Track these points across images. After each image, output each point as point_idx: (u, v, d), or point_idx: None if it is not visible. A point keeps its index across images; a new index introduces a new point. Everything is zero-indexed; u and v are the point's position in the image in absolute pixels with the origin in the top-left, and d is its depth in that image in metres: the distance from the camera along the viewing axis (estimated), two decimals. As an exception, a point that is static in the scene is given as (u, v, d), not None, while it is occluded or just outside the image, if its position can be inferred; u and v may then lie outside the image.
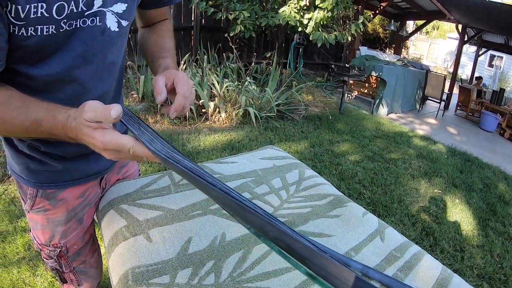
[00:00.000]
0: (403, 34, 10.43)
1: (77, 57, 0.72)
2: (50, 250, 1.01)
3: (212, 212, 0.96)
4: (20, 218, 2.44)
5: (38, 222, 0.96)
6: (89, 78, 0.78)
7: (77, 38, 0.70)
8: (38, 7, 0.60)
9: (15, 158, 0.87)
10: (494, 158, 5.50)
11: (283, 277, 0.77)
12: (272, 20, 5.21)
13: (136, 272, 0.74)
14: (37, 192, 0.90)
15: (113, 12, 0.74)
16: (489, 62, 18.20)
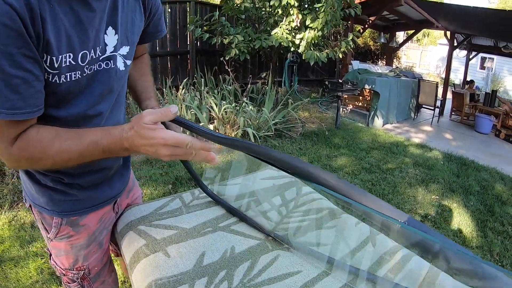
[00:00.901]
0: (393, 45, 10.66)
1: (98, 95, 0.87)
2: (74, 273, 1.11)
3: (221, 228, 1.08)
4: (31, 243, 2.54)
5: (61, 249, 1.06)
6: (106, 110, 0.93)
7: (97, 80, 0.85)
8: (67, 57, 0.74)
9: (39, 192, 0.97)
10: (490, 159, 5.61)
11: (287, 281, 0.89)
12: (265, 42, 5.40)
13: (159, 283, 0.85)
14: (62, 221, 1.01)
15: (121, 55, 0.90)
16: (480, 64, 18.47)
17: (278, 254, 0.99)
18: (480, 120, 8.00)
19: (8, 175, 3.34)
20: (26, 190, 1.03)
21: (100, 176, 1.02)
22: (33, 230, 2.69)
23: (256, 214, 1.18)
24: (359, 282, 0.93)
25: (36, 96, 0.72)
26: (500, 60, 17.01)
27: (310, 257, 1.00)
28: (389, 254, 1.07)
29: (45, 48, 0.69)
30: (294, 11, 5.26)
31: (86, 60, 0.79)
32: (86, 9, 0.75)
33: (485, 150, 6.43)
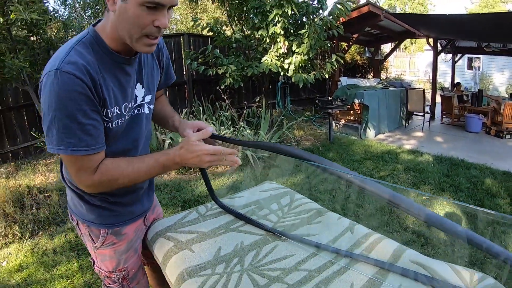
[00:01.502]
0: (379, 58, 11.06)
1: (134, 134, 1.24)
2: (116, 275, 1.40)
3: (232, 230, 1.39)
4: (55, 267, 2.78)
5: (107, 255, 1.35)
6: (139, 144, 1.29)
7: (133, 123, 1.22)
8: (115, 109, 1.10)
9: (88, 210, 1.27)
10: (480, 157, 5.88)
11: (284, 261, 1.19)
12: (256, 69, 5.79)
13: (189, 270, 1.16)
14: (108, 231, 1.31)
15: (146, 102, 1.26)
16: (468, 65, 18.78)
17: (277, 244, 1.30)
18: (469, 120, 8.26)
19: (27, 206, 3.61)
20: (75, 210, 1.32)
21: (134, 195, 1.34)
22: (55, 255, 2.94)
23: (258, 217, 1.49)
24: (339, 258, 1.23)
25: (101, 136, 1.05)
26: (486, 59, 17.33)
27: (302, 244, 1.30)
28: (364, 237, 1.37)
29: (102, 104, 1.04)
30: (281, 39, 5.67)
31: (126, 110, 1.15)
32: (124, 74, 1.12)
33: (476, 148, 6.69)
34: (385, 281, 1.11)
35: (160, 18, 0.96)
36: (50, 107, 0.94)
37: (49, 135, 0.98)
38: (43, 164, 5.09)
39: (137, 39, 0.99)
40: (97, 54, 1.03)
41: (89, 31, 1.04)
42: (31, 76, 4.55)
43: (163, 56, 1.34)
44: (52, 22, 4.76)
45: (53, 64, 0.94)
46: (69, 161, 1.04)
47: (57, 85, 0.92)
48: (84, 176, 1.05)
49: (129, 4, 0.92)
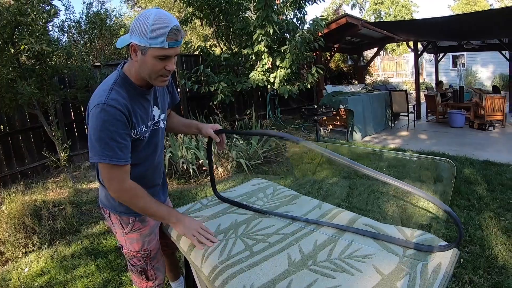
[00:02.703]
0: (362, 64, 11.51)
1: (153, 144, 1.68)
2: (141, 254, 1.79)
3: (228, 213, 1.80)
4: (75, 269, 3.05)
5: (134, 238, 1.75)
6: (158, 149, 1.73)
7: (153, 136, 1.66)
8: (143, 127, 1.55)
9: (122, 204, 1.63)
10: (462, 149, 6.24)
11: (267, 229, 1.60)
12: (245, 84, 6.26)
13: (198, 241, 1.58)
14: (135, 219, 1.72)
15: (161, 119, 1.71)
16: (452, 63, 19.14)
17: (262, 219, 1.72)
18: (452, 116, 8.63)
19: (44, 218, 3.94)
20: (108, 204, 1.71)
21: (154, 190, 1.77)
22: (74, 259, 3.22)
23: (248, 203, 1.91)
24: (308, 225, 1.64)
25: (129, 154, 1.47)
26: (470, 55, 17.61)
27: (281, 218, 1.73)
28: (328, 211, 1.78)
29: (133, 126, 1.49)
30: (265, 56, 6.17)
31: (148, 126, 1.60)
32: (146, 101, 1.58)
33: (458, 141, 7.06)
34: (341, 237, 1.52)
35: (169, 64, 1.42)
36: (96, 129, 1.37)
37: (93, 149, 1.40)
38: (51, 182, 5.45)
39: (154, 78, 1.46)
40: (128, 91, 1.48)
41: (119, 73, 1.50)
42: (39, 100, 4.97)
43: (170, 83, 1.79)
44: (57, 51, 5.19)
45: (100, 100, 1.39)
46: (105, 169, 1.43)
47: (104, 114, 1.37)
48: (114, 183, 1.47)
49: (147, 57, 1.38)
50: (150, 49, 1.34)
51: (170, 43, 1.34)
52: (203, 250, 1.48)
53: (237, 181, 5.02)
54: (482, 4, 24.53)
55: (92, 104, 1.42)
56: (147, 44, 1.33)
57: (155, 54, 1.36)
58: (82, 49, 7.54)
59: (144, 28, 1.32)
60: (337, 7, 30.32)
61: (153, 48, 1.34)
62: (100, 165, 1.45)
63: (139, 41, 1.35)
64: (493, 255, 2.91)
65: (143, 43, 1.34)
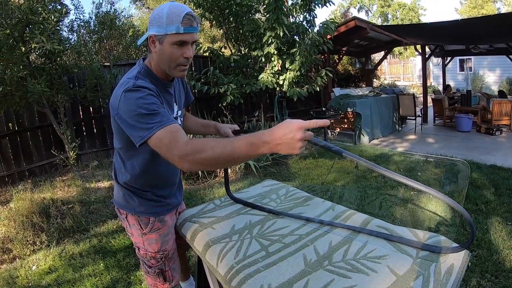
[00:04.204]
0: (369, 67, 11.50)
1: None
2: (160, 254, 1.79)
3: (242, 213, 1.81)
4: (83, 268, 3.07)
5: (153, 238, 1.75)
6: None
7: None
8: None
9: (141, 203, 1.68)
10: (469, 153, 6.24)
11: (282, 230, 1.61)
12: (254, 86, 6.28)
13: (212, 239, 1.57)
14: (155, 219, 1.72)
15: (179, 116, 1.72)
16: (459, 66, 19.07)
17: (276, 220, 1.72)
18: (459, 120, 8.59)
19: (52, 216, 3.96)
20: (125, 205, 1.71)
21: (171, 190, 1.78)
22: (82, 258, 3.24)
23: (261, 204, 1.92)
24: (323, 226, 1.65)
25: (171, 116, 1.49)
26: (477, 59, 17.56)
27: (295, 219, 1.73)
28: (342, 213, 1.79)
29: None
30: (275, 58, 6.19)
31: None
32: (168, 94, 1.60)
33: (465, 145, 7.06)
34: (355, 238, 1.53)
35: (186, 51, 1.44)
36: (132, 110, 1.30)
37: (136, 131, 1.29)
38: (59, 181, 5.50)
39: (174, 68, 1.48)
40: (151, 83, 1.48)
41: (142, 66, 1.52)
42: (48, 99, 5.01)
43: (185, 82, 1.83)
44: (67, 50, 5.23)
45: (128, 86, 1.35)
46: (160, 139, 1.25)
47: (135, 93, 1.33)
48: (175, 148, 1.22)
49: (164, 45, 1.41)
50: (166, 36, 1.39)
51: (185, 28, 1.38)
52: (219, 250, 1.48)
53: (246, 183, 5.04)
54: (490, 8, 24.45)
55: (119, 92, 1.36)
56: (164, 31, 1.38)
57: (172, 40, 1.39)
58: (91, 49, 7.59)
59: (160, 18, 1.38)
60: (345, 10, 30.32)
61: (170, 35, 1.38)
62: (152, 142, 1.27)
63: (157, 31, 1.40)
64: (501, 259, 2.91)
65: (160, 31, 1.39)
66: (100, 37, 9.16)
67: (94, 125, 7.08)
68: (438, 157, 3.60)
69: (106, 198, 4.62)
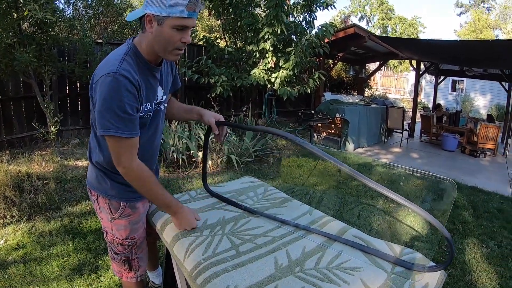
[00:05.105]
0: (363, 76, 11.53)
1: (154, 127, 1.63)
2: (128, 242, 1.72)
3: (216, 208, 1.76)
4: (51, 247, 2.96)
5: (122, 224, 1.68)
6: (158, 131, 1.68)
7: (156, 116, 1.61)
8: (147, 105, 1.49)
9: (112, 186, 1.61)
10: (452, 173, 6.26)
11: (255, 230, 1.56)
12: (245, 80, 6.22)
13: (182, 232, 1.51)
14: (126, 205, 1.65)
15: (163, 101, 1.65)
16: (452, 87, 19.32)
17: (250, 219, 1.67)
18: (445, 138, 8.64)
19: (26, 191, 3.82)
20: (97, 187, 1.64)
21: None
22: (52, 237, 3.13)
23: (237, 200, 1.86)
24: (298, 230, 1.60)
25: (138, 126, 1.42)
26: (470, 82, 17.84)
27: (269, 220, 1.68)
28: (319, 218, 1.75)
29: (140, 103, 1.43)
30: (269, 55, 6.14)
31: (153, 105, 1.54)
32: (153, 78, 1.52)
33: (449, 164, 7.10)
34: (330, 246, 1.49)
35: (185, 36, 1.39)
36: (106, 100, 1.31)
37: (101, 121, 1.34)
38: (38, 155, 5.34)
39: (170, 51, 1.41)
40: (138, 65, 1.42)
41: (130, 46, 1.45)
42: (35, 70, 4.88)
43: (174, 66, 1.76)
44: (60, 22, 5.09)
45: (112, 68, 1.32)
46: (115, 143, 1.38)
47: (115, 83, 1.30)
48: (124, 158, 1.40)
49: (164, 27, 1.34)
50: (168, 18, 1.32)
51: (189, 12, 1.33)
52: (188, 244, 1.43)
53: (226, 177, 4.97)
54: (488, 34, 24.83)
55: (101, 72, 1.35)
56: (165, 13, 1.31)
57: (174, 23, 1.33)
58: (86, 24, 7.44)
59: None
60: (345, 16, 30.40)
61: (172, 18, 1.32)
62: (108, 139, 1.38)
63: (157, 11, 1.32)
64: (473, 280, 2.92)
65: (161, 12, 1.31)
66: (96, 13, 8.98)
67: (80, 101, 6.90)
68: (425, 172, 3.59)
69: (83, 178, 4.50)
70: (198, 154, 5.26)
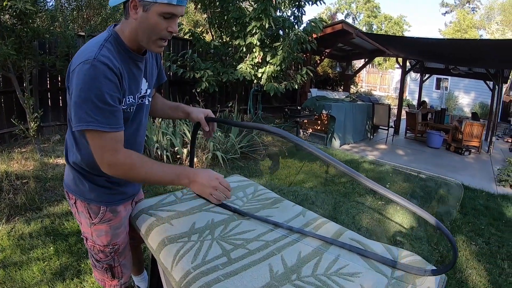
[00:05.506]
0: (349, 73, 11.53)
1: (138, 122, 1.51)
2: (110, 248, 1.61)
3: (204, 210, 1.65)
4: (32, 250, 2.86)
5: (103, 230, 1.57)
6: (140, 133, 1.57)
7: (139, 110, 1.49)
8: (130, 98, 1.37)
9: (91, 189, 1.50)
10: (437, 170, 6.35)
11: (246, 234, 1.46)
12: (232, 75, 6.11)
13: (169, 237, 1.41)
14: (106, 209, 1.54)
15: (147, 95, 1.53)
16: (436, 85, 19.73)
17: (241, 222, 1.57)
18: (431, 136, 8.79)
19: (5, 190, 3.69)
20: (75, 189, 1.53)
21: None
22: (32, 240, 3.02)
23: (227, 202, 1.77)
24: (292, 233, 1.51)
25: (121, 119, 1.30)
26: (454, 80, 18.24)
27: (261, 222, 1.59)
28: (313, 220, 1.66)
29: (122, 94, 1.31)
30: (257, 49, 6.03)
31: (136, 98, 1.43)
32: (137, 69, 1.40)
33: (434, 162, 7.20)
34: (326, 251, 1.40)
35: (172, 25, 1.28)
36: (83, 89, 1.18)
37: (78, 114, 1.21)
38: (18, 152, 5.16)
39: (153, 41, 1.30)
40: (119, 53, 1.31)
41: (111, 32, 1.32)
42: (14, 63, 4.69)
43: (160, 59, 1.64)
44: (41, 13, 4.92)
45: (90, 55, 1.20)
46: (96, 139, 1.25)
47: (93, 71, 1.18)
48: (107, 155, 1.27)
49: (149, 14, 1.23)
50: (155, 4, 1.21)
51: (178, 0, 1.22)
52: (175, 251, 1.32)
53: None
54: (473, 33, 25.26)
55: (77, 61, 1.22)
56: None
57: (161, 10, 1.22)
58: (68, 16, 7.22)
59: None
60: (331, 13, 30.44)
61: (159, 4, 1.21)
62: (88, 134, 1.25)
63: None
64: (463, 278, 2.93)
65: None
66: (79, 5, 8.75)
67: (61, 96, 6.69)
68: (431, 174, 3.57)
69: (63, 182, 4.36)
70: (183, 150, 5.14)
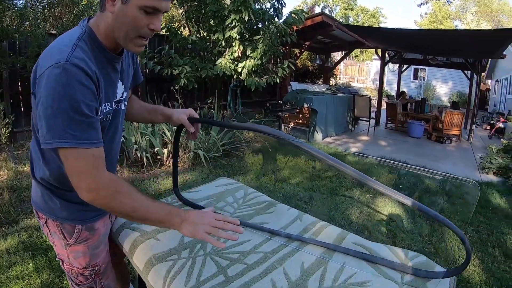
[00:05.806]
0: (329, 65, 11.50)
1: (113, 130, 1.31)
2: (89, 270, 1.42)
3: (193, 219, 1.52)
4: (10, 268, 2.62)
5: (80, 251, 1.37)
6: (116, 141, 1.37)
7: (115, 117, 1.28)
8: (106, 105, 1.18)
9: (63, 207, 1.30)
10: (420, 159, 6.35)
11: (242, 246, 1.34)
12: (211, 71, 5.93)
13: (156, 256, 1.26)
14: (82, 227, 1.34)
15: (123, 99, 1.34)
16: (414, 75, 19.98)
17: (235, 231, 1.44)
18: (411, 126, 8.81)
19: None
20: (44, 208, 1.32)
21: None
22: (9, 256, 2.79)
23: (216, 209, 1.63)
24: (291, 242, 1.39)
25: (100, 131, 1.10)
26: (432, 70, 18.45)
27: (257, 231, 1.46)
28: (311, 224, 1.54)
29: (99, 101, 1.11)
30: (236, 43, 5.86)
31: (113, 104, 1.23)
32: (114, 71, 1.21)
33: (416, 151, 7.19)
34: (331, 259, 1.28)
35: (155, 22, 1.08)
36: (55, 99, 0.97)
37: (50, 128, 1.00)
38: (-12, 162, 4.90)
39: (132, 39, 1.10)
40: (93, 52, 1.11)
41: (85, 28, 1.12)
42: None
43: (136, 57, 1.45)
44: (9, 11, 4.66)
45: (61, 57, 1.00)
46: (71, 158, 1.04)
47: (65, 76, 0.97)
48: (86, 178, 1.05)
49: (129, 7, 1.03)
50: None
51: None
52: (165, 271, 1.18)
53: (194, 174, 4.71)
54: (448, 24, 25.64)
55: (46, 63, 1.01)
56: None
57: (142, 3, 1.03)
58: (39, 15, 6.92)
59: None
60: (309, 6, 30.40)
61: None
62: (62, 151, 1.03)
63: None
64: (457, 268, 2.88)
65: None
66: (50, 2, 8.40)
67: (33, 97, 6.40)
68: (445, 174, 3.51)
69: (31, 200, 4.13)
70: (163, 151, 4.96)
